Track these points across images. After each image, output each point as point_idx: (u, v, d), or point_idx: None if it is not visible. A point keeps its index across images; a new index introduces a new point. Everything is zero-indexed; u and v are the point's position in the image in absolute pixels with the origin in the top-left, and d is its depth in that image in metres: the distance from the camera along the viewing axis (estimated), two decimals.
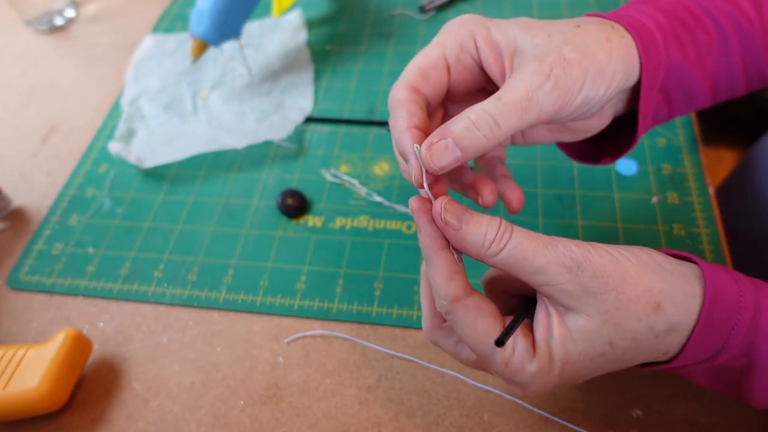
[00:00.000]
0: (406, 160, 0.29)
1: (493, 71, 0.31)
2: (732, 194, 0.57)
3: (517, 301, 0.32)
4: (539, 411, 0.36)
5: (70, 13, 0.71)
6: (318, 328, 0.42)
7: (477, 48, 0.31)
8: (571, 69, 0.28)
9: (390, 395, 0.38)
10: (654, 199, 0.45)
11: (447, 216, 0.27)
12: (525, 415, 0.36)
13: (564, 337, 0.26)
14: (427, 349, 0.40)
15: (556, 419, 0.36)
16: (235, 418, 0.38)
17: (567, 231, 0.44)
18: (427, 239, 0.28)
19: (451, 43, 0.31)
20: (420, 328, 0.41)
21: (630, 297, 0.25)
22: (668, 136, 0.49)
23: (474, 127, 0.26)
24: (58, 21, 0.70)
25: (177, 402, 0.39)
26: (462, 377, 0.38)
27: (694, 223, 0.44)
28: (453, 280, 0.27)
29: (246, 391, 0.39)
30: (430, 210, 0.28)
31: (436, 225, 0.28)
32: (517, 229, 0.27)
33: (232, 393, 0.39)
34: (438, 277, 0.27)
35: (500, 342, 0.26)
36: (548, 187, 0.47)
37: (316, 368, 0.40)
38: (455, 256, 0.28)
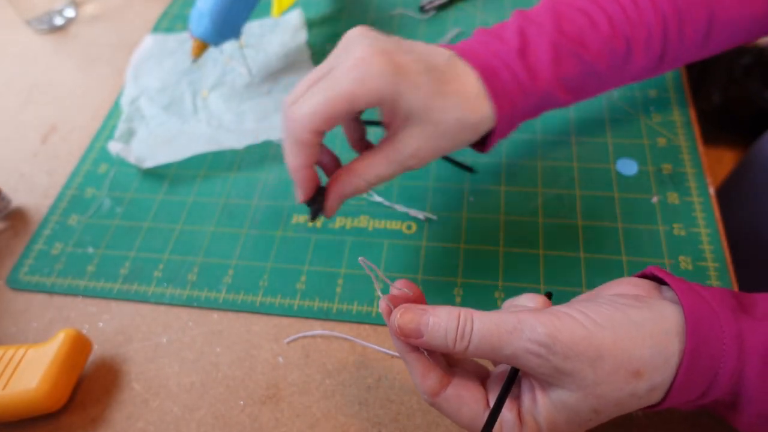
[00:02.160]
0: (296, 186, 0.35)
1: (385, 119, 0.36)
2: (732, 194, 0.57)
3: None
4: None
5: (69, 12, 0.71)
6: (318, 328, 0.42)
7: (382, 105, 0.32)
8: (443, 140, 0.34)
9: (390, 395, 0.38)
10: (654, 199, 0.45)
11: (405, 326, 0.28)
12: None
13: (548, 409, 0.27)
14: None
15: None
16: (235, 418, 0.38)
17: (567, 231, 0.44)
18: (397, 343, 0.29)
19: (365, 96, 0.31)
20: None
21: (608, 370, 0.25)
22: (668, 136, 0.49)
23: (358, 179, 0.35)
24: (58, 21, 0.70)
25: (177, 402, 0.39)
26: None
27: (695, 223, 0.44)
28: (428, 378, 0.28)
29: (246, 391, 0.39)
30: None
31: None
32: (477, 320, 0.27)
33: (232, 393, 0.39)
34: (414, 376, 0.29)
35: None
36: (548, 187, 0.47)
37: (316, 368, 0.40)
38: (426, 354, 0.29)
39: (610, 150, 0.49)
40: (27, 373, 0.38)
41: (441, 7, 0.64)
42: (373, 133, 0.54)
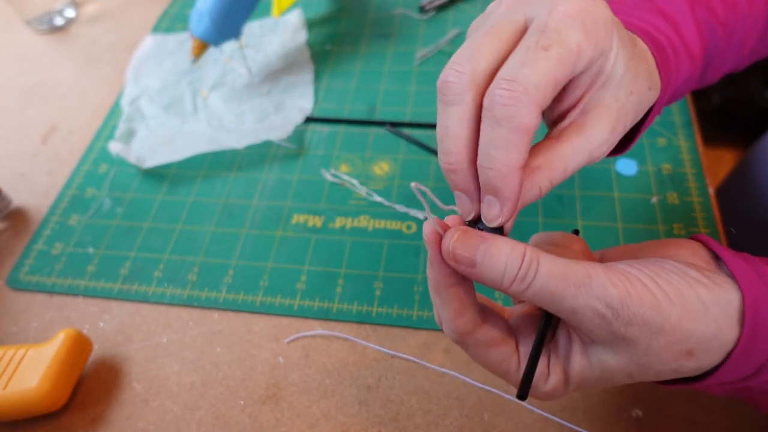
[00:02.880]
0: (497, 196, 0.24)
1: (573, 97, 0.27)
2: (732, 194, 0.57)
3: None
4: (539, 411, 0.36)
5: (70, 13, 0.71)
6: (318, 328, 0.42)
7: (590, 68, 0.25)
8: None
9: (390, 395, 0.38)
10: (654, 199, 0.45)
11: (459, 251, 0.24)
12: (525, 415, 0.36)
13: (582, 367, 0.25)
14: (427, 349, 0.40)
15: (556, 419, 0.36)
16: (235, 418, 0.38)
17: (567, 231, 0.44)
18: (436, 275, 0.25)
19: (589, 52, 0.24)
20: (420, 328, 0.41)
21: (662, 345, 0.23)
22: (668, 136, 0.49)
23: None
24: (58, 21, 0.70)
25: (177, 402, 0.39)
26: (462, 377, 0.38)
27: (694, 223, 0.44)
28: (462, 316, 0.26)
29: (246, 391, 0.39)
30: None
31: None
32: (544, 264, 0.23)
33: (232, 393, 0.39)
34: (446, 312, 0.26)
35: (522, 397, 0.25)
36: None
37: (316, 368, 0.40)
38: (466, 288, 0.26)
39: None
40: (27, 372, 0.38)
41: (441, 8, 0.64)
42: (373, 134, 0.54)
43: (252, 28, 0.64)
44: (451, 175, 0.25)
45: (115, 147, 0.53)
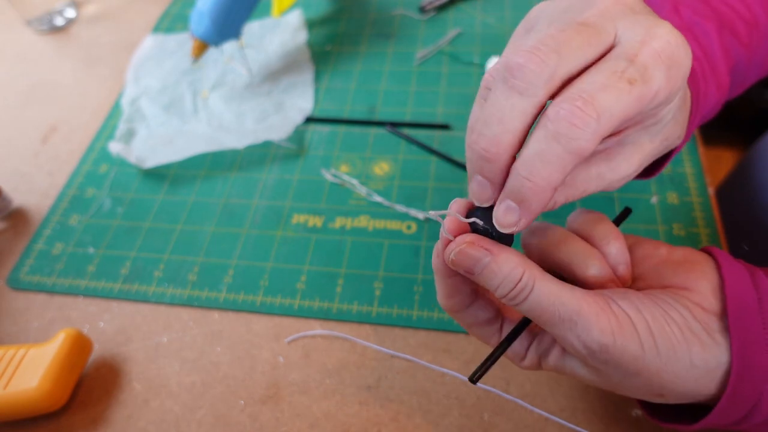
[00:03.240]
0: (523, 206, 0.23)
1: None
2: (732, 194, 0.57)
3: None
4: (539, 410, 0.36)
5: (70, 13, 0.71)
6: (318, 328, 0.42)
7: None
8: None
9: (390, 395, 0.38)
10: (654, 199, 0.45)
11: (460, 261, 0.24)
12: (525, 415, 0.37)
13: (556, 365, 0.27)
14: (427, 349, 0.40)
15: (555, 419, 0.36)
16: (236, 418, 0.38)
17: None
18: (437, 264, 0.27)
19: (665, 96, 0.23)
20: (420, 328, 0.41)
21: (636, 385, 0.25)
22: None
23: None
24: (59, 21, 0.70)
25: (177, 402, 0.39)
26: (462, 377, 0.38)
27: (694, 223, 0.44)
28: (452, 298, 0.28)
29: (246, 390, 0.39)
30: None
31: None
32: (537, 289, 0.24)
33: (232, 393, 0.39)
34: (439, 290, 0.28)
35: (472, 381, 0.27)
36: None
37: (316, 368, 0.40)
38: (461, 280, 0.27)
39: None
40: (28, 372, 0.38)
41: (441, 8, 0.64)
42: (373, 134, 0.54)
43: (252, 28, 0.64)
44: (483, 163, 0.23)
45: (115, 147, 0.53)
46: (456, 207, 0.25)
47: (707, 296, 0.26)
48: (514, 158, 0.23)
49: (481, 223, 0.24)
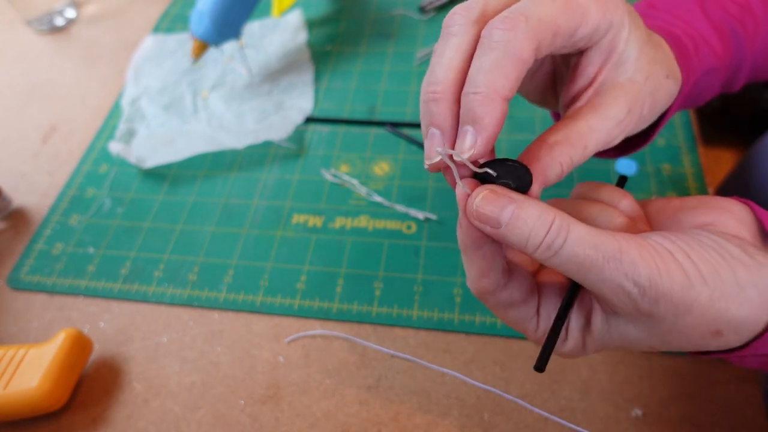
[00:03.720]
0: (475, 124, 0.22)
1: (588, 70, 0.27)
2: (731, 194, 0.57)
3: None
4: (539, 410, 0.36)
5: (70, 13, 0.71)
6: (318, 328, 0.42)
7: (593, 40, 0.25)
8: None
9: (390, 395, 0.38)
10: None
11: (484, 210, 0.23)
12: (525, 415, 0.37)
13: (601, 334, 0.25)
14: (427, 349, 0.40)
15: (555, 419, 0.36)
16: (236, 418, 0.38)
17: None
18: (463, 236, 0.25)
19: (598, 17, 0.24)
20: (420, 328, 0.41)
21: (689, 324, 0.23)
22: (668, 137, 0.49)
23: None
24: (59, 21, 0.70)
25: (177, 402, 0.39)
26: (462, 377, 0.38)
27: None
28: (486, 277, 0.25)
29: (246, 390, 0.39)
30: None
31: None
32: (574, 232, 0.22)
33: (232, 393, 0.39)
34: (471, 271, 0.26)
35: (539, 369, 0.24)
36: (548, 186, 0.47)
37: (316, 368, 0.40)
38: (493, 250, 0.25)
39: None
40: (28, 372, 0.38)
41: (441, 8, 0.64)
42: (373, 134, 0.54)
43: (252, 28, 0.64)
44: (432, 106, 0.24)
45: (115, 147, 0.53)
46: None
47: (735, 226, 0.25)
48: (458, 98, 0.23)
49: (493, 173, 0.23)
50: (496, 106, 0.22)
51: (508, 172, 0.23)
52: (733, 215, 0.26)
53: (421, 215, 0.46)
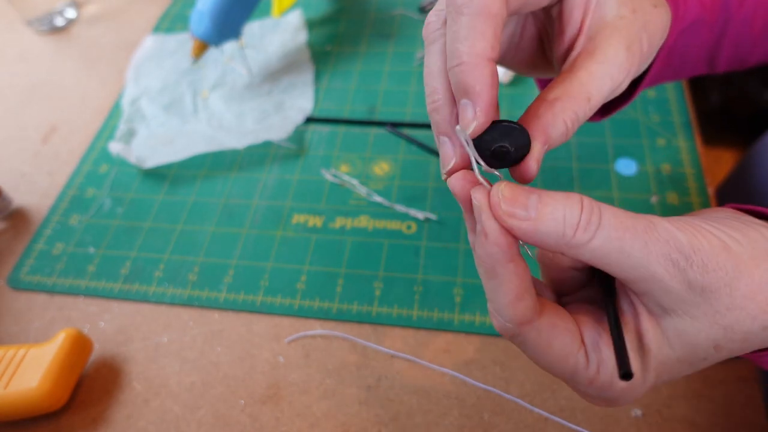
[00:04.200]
0: (468, 94, 0.21)
1: (571, 23, 0.25)
2: (731, 194, 0.57)
3: (585, 277, 0.26)
4: (539, 410, 0.36)
5: (70, 13, 0.71)
6: (318, 328, 0.42)
7: None
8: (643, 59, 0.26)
9: (390, 395, 0.38)
10: (653, 199, 0.45)
11: (512, 206, 0.21)
12: (525, 415, 0.37)
13: (660, 345, 0.22)
14: (428, 349, 0.40)
15: (555, 418, 0.36)
16: (236, 418, 0.38)
17: None
18: (495, 247, 0.21)
19: None
20: (420, 328, 0.41)
21: (744, 293, 0.20)
22: (667, 137, 0.49)
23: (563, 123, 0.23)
24: (59, 21, 0.70)
25: (177, 402, 0.39)
26: (462, 377, 0.38)
27: None
28: (523, 300, 0.21)
29: (246, 390, 0.39)
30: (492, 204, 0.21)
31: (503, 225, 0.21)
32: (607, 211, 0.20)
33: (232, 393, 0.39)
34: (504, 296, 0.21)
35: (627, 375, 0.20)
36: (548, 186, 0.47)
37: (316, 368, 0.40)
38: (524, 264, 0.22)
39: (609, 150, 0.49)
40: (28, 372, 0.38)
41: None
42: (373, 134, 0.54)
43: (252, 28, 0.64)
44: (435, 115, 0.23)
45: (115, 147, 0.53)
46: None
47: (735, 212, 0.24)
48: (454, 102, 0.22)
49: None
50: (483, 70, 0.21)
51: (504, 135, 0.21)
52: (726, 211, 0.25)
53: (421, 215, 0.46)
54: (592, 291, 0.26)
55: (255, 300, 0.43)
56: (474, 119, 0.21)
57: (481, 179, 0.22)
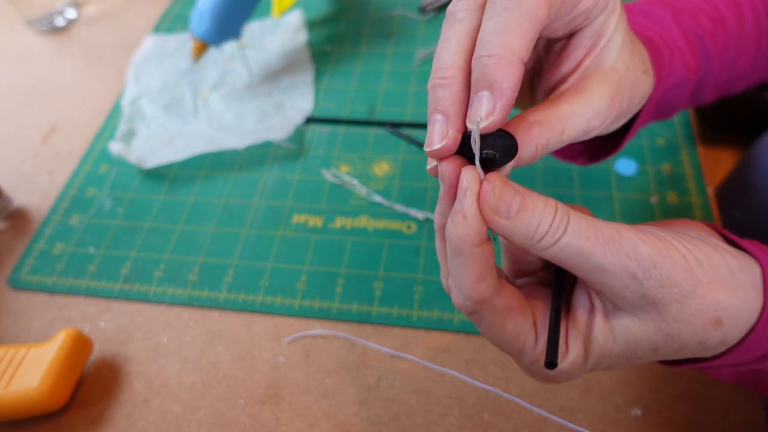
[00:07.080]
0: (492, 88, 0.21)
1: (574, 53, 0.26)
2: (731, 194, 0.57)
3: (544, 262, 0.28)
4: (539, 410, 0.36)
5: (71, 13, 0.71)
6: (318, 328, 0.42)
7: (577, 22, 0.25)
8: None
9: (390, 395, 0.38)
10: (653, 199, 0.45)
11: (498, 203, 0.22)
12: (524, 415, 0.37)
13: (605, 337, 0.24)
14: (427, 349, 0.40)
15: (555, 418, 0.36)
16: (236, 418, 0.38)
17: None
18: (469, 230, 0.22)
19: None
20: (420, 328, 0.41)
21: (693, 311, 0.22)
22: (667, 136, 0.49)
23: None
24: (59, 22, 0.70)
25: (177, 401, 0.39)
26: (462, 377, 0.38)
27: None
28: (485, 281, 0.23)
29: (246, 390, 0.39)
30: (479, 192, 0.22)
31: (483, 213, 0.22)
32: (573, 219, 0.22)
33: (232, 392, 0.39)
34: (468, 276, 0.23)
35: (552, 365, 0.23)
36: (547, 186, 0.47)
37: (316, 368, 0.40)
38: (491, 248, 0.23)
39: None
40: (28, 372, 0.38)
41: (441, 8, 0.64)
42: (373, 134, 0.54)
43: (252, 28, 0.64)
44: (439, 91, 0.22)
45: (115, 147, 0.53)
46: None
47: (711, 234, 0.25)
48: (467, 84, 0.22)
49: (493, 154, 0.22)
50: (514, 69, 0.21)
51: (492, 143, 0.22)
52: (698, 227, 0.26)
53: (421, 215, 0.46)
54: (550, 275, 0.28)
55: (255, 300, 0.44)
56: (491, 114, 0.21)
57: (480, 170, 0.22)
